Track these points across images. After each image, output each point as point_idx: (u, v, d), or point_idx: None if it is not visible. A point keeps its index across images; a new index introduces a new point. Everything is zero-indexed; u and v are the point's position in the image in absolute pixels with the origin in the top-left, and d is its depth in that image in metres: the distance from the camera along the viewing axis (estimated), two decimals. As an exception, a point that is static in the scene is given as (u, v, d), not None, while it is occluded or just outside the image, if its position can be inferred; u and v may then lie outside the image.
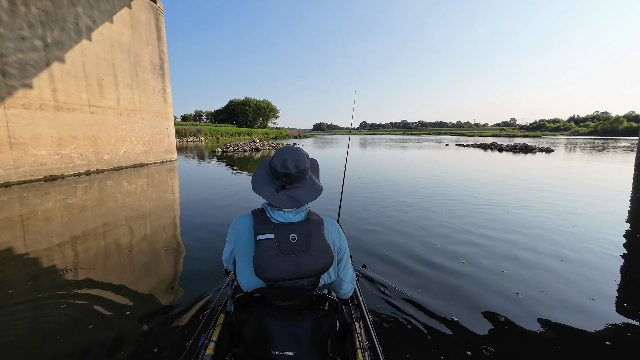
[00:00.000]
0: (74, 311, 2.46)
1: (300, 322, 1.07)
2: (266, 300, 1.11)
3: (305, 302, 1.11)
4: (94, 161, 10.16)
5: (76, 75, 9.41)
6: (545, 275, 3.08)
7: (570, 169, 12.74)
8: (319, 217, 1.21)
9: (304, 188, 1.20)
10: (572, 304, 2.57)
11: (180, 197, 7.25)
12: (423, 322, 2.29)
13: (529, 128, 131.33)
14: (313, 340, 1.06)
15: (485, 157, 17.87)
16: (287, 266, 1.07)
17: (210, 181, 9.08)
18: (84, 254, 3.65)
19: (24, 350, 2.03)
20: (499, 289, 2.79)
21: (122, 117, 11.35)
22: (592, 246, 3.88)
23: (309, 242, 1.10)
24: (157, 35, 13.31)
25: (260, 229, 1.11)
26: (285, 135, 65.28)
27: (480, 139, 53.44)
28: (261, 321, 1.07)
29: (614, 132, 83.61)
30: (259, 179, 1.24)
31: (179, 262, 3.47)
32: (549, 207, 5.91)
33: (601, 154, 20.76)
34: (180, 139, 37.57)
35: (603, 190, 7.80)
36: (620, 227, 4.71)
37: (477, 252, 3.68)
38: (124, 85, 11.41)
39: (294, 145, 1.28)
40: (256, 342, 1.07)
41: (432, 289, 2.79)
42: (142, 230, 4.62)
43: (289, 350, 1.04)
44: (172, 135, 14.68)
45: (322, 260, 1.10)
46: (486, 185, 8.40)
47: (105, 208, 5.94)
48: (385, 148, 29.12)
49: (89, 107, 9.87)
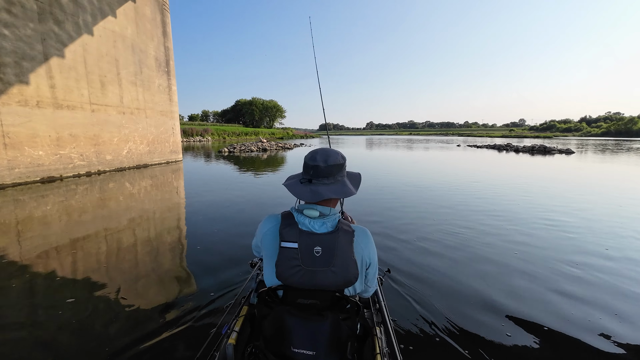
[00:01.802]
0: (77, 312, 2.45)
1: (320, 322, 1.07)
2: (288, 297, 1.11)
3: (326, 302, 1.09)
4: (95, 162, 9.67)
5: (77, 71, 8.92)
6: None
7: (615, 174, 11.78)
8: (350, 227, 1.13)
9: (330, 187, 1.14)
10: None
11: (186, 199, 6.88)
12: (448, 334, 2.18)
13: (539, 129, 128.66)
14: (332, 341, 1.07)
15: (507, 160, 17.03)
16: (307, 278, 1.05)
17: (216, 183, 8.55)
18: (87, 256, 3.61)
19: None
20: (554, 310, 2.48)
21: (126, 116, 10.86)
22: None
23: (334, 257, 1.06)
24: (162, 30, 12.82)
25: (285, 235, 1.09)
26: (292, 136, 65.00)
27: (491, 139, 52.29)
28: (282, 317, 1.09)
29: (628, 133, 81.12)
30: (293, 176, 1.26)
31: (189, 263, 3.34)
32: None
33: (628, 155, 19.76)
34: (187, 138, 38.02)
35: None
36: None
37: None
38: (128, 82, 10.92)
39: (329, 147, 1.27)
40: (275, 337, 1.09)
41: (461, 301, 2.62)
42: (146, 234, 4.51)
43: (308, 349, 1.05)
44: (178, 134, 14.19)
45: (343, 278, 1.07)
46: (535, 196, 7.66)
47: (108, 210, 5.69)
48: (399, 149, 28.35)
49: (90, 104, 9.38)
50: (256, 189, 7.82)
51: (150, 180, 9.28)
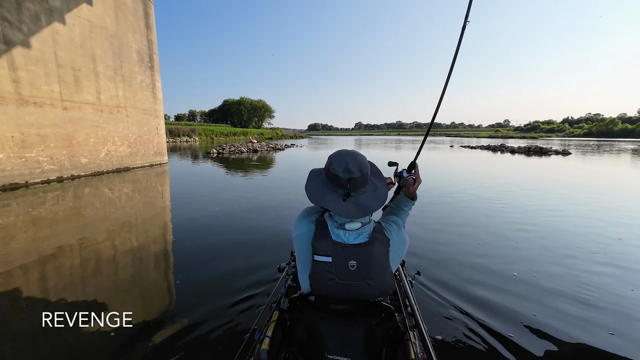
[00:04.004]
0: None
1: (354, 328, 1.06)
2: (320, 303, 1.09)
3: (359, 307, 1.07)
4: (68, 165, 8.62)
5: (46, 63, 7.87)
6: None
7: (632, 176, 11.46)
8: (384, 234, 1.08)
9: (367, 194, 1.09)
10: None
11: (172, 207, 6.15)
12: (485, 341, 2.09)
13: (524, 129, 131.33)
14: (367, 347, 1.06)
15: (510, 162, 16.69)
16: (342, 291, 1.02)
17: (207, 187, 7.68)
18: (60, 271, 3.30)
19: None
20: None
21: (104, 115, 9.82)
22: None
23: (369, 270, 1.01)
24: (145, 22, 11.80)
25: (318, 248, 1.03)
26: (281, 136, 64.20)
27: (478, 140, 52.62)
28: (315, 323, 1.08)
29: (609, 134, 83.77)
30: (316, 189, 1.12)
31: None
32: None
33: (625, 156, 19.77)
34: (174, 139, 37.10)
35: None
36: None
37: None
38: (106, 77, 9.89)
39: (348, 149, 1.15)
40: (309, 343, 1.08)
41: (498, 309, 2.48)
42: (128, 244, 4.10)
43: (343, 355, 1.03)
44: (163, 135, 13.15)
45: (379, 290, 1.03)
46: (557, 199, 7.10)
47: (84, 220, 5.10)
48: (399, 150, 27.90)
49: (61, 101, 8.34)
50: (261, 195, 6.99)
51: (132, 185, 8.40)
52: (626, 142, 49.45)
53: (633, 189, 8.57)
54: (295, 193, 7.31)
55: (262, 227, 4.69)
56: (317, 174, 1.19)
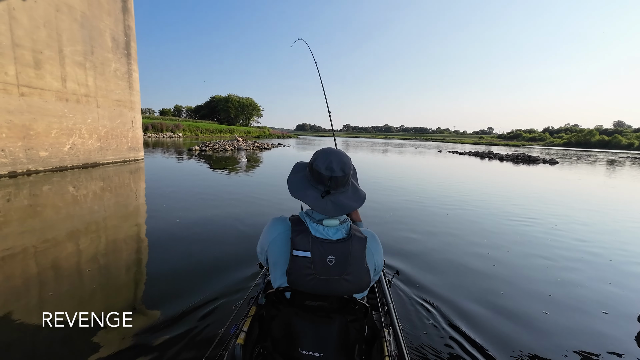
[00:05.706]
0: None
1: (328, 325, 1.05)
2: (296, 299, 1.08)
3: (334, 304, 1.07)
4: (23, 159, 7.62)
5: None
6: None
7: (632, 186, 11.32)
8: (361, 233, 1.08)
9: (347, 194, 1.09)
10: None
11: (147, 206, 5.73)
12: (458, 341, 2.14)
13: (507, 137, 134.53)
14: (340, 343, 1.05)
15: (504, 170, 16.52)
16: (320, 286, 1.01)
17: (184, 185, 6.88)
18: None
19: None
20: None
21: (70, 104, 8.82)
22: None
23: (347, 265, 1.00)
24: (122, 6, 10.83)
25: (297, 242, 1.02)
26: (269, 135, 63.27)
27: (462, 146, 53.26)
28: (289, 319, 1.06)
29: (587, 144, 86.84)
30: (297, 183, 1.13)
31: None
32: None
33: (606, 166, 20.03)
34: (157, 134, 36.10)
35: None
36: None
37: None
38: (74, 63, 8.90)
39: (334, 148, 1.17)
40: (284, 339, 1.07)
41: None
42: (94, 249, 3.68)
43: (316, 351, 1.03)
44: (139, 129, 12.17)
45: (356, 285, 1.03)
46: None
47: (39, 221, 4.56)
48: (388, 154, 27.54)
49: (17, 86, 7.35)
50: (244, 196, 6.26)
51: (100, 182, 7.59)
52: (606, 153, 50.98)
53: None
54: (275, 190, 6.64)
55: (242, 223, 4.65)
56: (301, 168, 1.20)
